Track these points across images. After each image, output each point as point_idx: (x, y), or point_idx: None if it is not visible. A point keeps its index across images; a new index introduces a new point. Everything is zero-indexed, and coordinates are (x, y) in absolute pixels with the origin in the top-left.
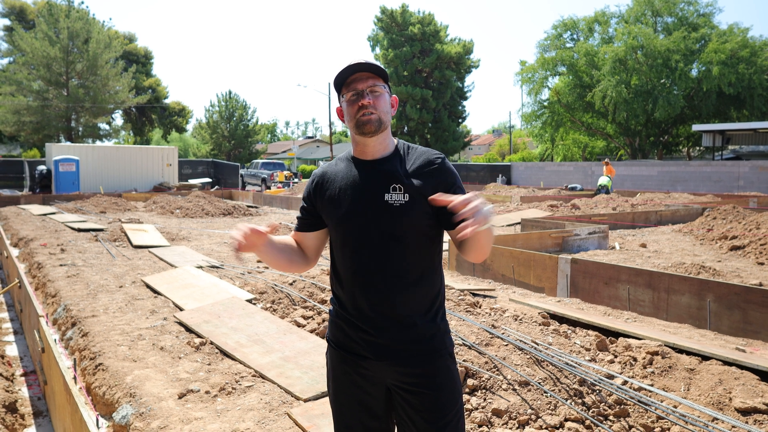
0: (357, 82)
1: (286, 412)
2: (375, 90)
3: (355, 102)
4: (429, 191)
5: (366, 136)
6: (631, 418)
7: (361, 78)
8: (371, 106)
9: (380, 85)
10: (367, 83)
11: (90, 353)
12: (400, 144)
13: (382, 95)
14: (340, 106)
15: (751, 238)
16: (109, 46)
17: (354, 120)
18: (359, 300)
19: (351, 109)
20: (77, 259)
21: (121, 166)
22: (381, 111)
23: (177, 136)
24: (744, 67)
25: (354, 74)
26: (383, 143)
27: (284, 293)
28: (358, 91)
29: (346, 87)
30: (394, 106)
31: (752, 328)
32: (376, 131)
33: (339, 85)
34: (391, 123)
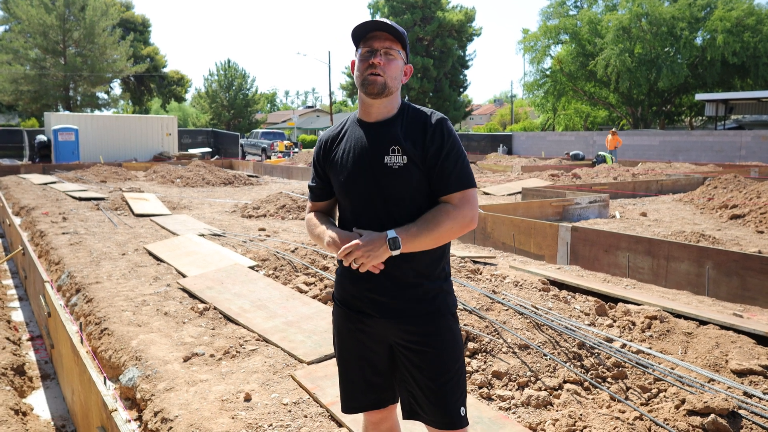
0: (374, 40)
1: (289, 374)
2: (390, 53)
3: (367, 59)
4: (420, 153)
5: (369, 97)
6: (628, 379)
7: (380, 37)
8: (380, 67)
9: (396, 49)
10: (384, 44)
11: (95, 318)
12: (405, 105)
13: (395, 60)
14: (354, 60)
15: (751, 207)
16: (105, 14)
17: (361, 77)
18: None
19: (361, 66)
20: (79, 228)
21: (120, 136)
22: (389, 75)
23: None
24: (749, 36)
25: (374, 31)
26: (387, 106)
27: (286, 260)
28: (373, 49)
29: (364, 42)
30: (406, 74)
31: (750, 295)
32: (379, 93)
33: (357, 39)
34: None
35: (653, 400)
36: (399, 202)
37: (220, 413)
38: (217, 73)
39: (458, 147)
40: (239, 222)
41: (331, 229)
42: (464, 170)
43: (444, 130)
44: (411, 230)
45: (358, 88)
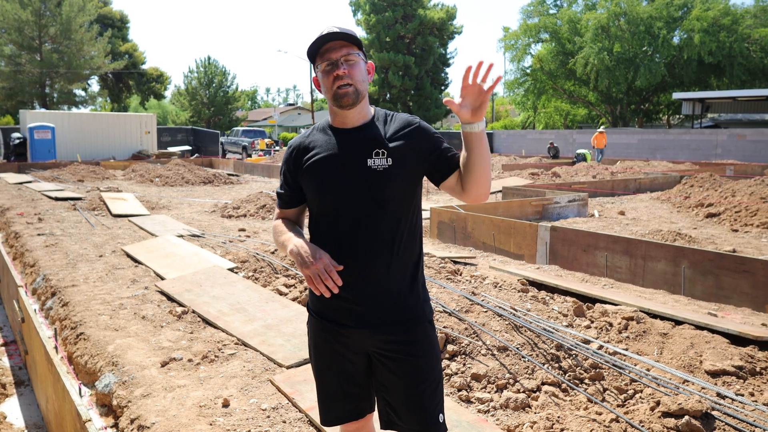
0: (331, 52)
1: (268, 378)
2: (349, 59)
3: (330, 72)
4: (411, 154)
5: (344, 109)
6: (605, 381)
7: (334, 47)
8: (347, 76)
9: (354, 53)
10: (341, 52)
11: (71, 323)
12: (377, 111)
13: (357, 63)
14: (316, 76)
15: (727, 205)
16: (82, 9)
17: (331, 92)
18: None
19: (327, 80)
20: (55, 229)
21: (98, 134)
22: (357, 81)
23: (155, 103)
24: (725, 36)
25: (327, 43)
26: (362, 112)
27: (266, 262)
28: (333, 61)
29: (320, 57)
30: (370, 73)
31: (724, 293)
32: (354, 103)
33: (313, 55)
34: (368, 90)
35: (629, 402)
36: (383, 204)
37: (198, 419)
38: (197, 70)
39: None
40: (219, 222)
41: (297, 239)
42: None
43: (428, 128)
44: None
45: (329, 102)
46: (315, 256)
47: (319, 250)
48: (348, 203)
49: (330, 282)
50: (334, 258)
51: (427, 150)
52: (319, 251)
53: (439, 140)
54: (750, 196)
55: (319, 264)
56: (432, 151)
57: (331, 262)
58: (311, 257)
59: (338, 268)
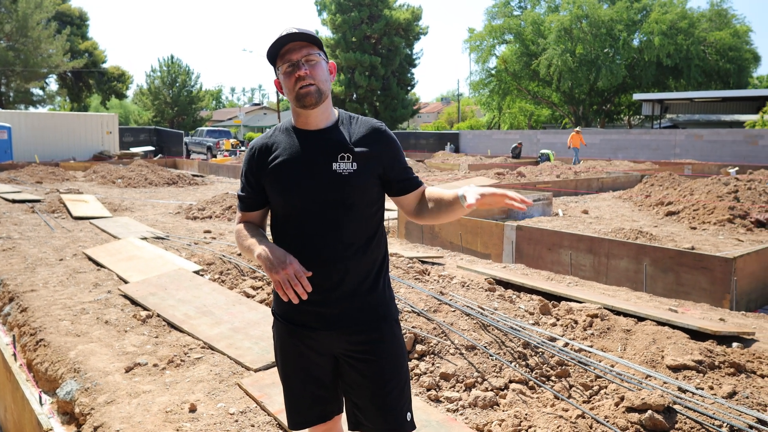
0: (291, 53)
1: (236, 382)
2: (310, 59)
3: (292, 74)
4: (375, 159)
5: (307, 109)
6: (571, 378)
7: (294, 48)
8: (309, 76)
9: (315, 53)
10: (301, 53)
11: (30, 329)
12: (341, 113)
13: (318, 63)
14: (278, 79)
15: (685, 203)
16: (39, 6)
17: (293, 93)
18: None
19: (288, 82)
20: (12, 232)
21: (57, 134)
22: (319, 80)
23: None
24: (682, 38)
25: (287, 44)
26: (325, 113)
27: (232, 264)
28: (293, 62)
29: (281, 59)
30: (332, 72)
31: (684, 290)
32: (317, 102)
33: (273, 58)
34: (334, 91)
35: (594, 398)
36: (349, 207)
37: (164, 425)
38: (160, 69)
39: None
40: (184, 224)
41: (264, 244)
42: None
43: (392, 136)
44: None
45: (291, 104)
46: (284, 261)
47: (288, 254)
48: (312, 206)
49: (299, 288)
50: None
51: (389, 158)
52: (288, 256)
53: (400, 153)
54: (707, 194)
55: (288, 269)
56: (394, 162)
57: (301, 268)
58: (280, 262)
59: (308, 274)
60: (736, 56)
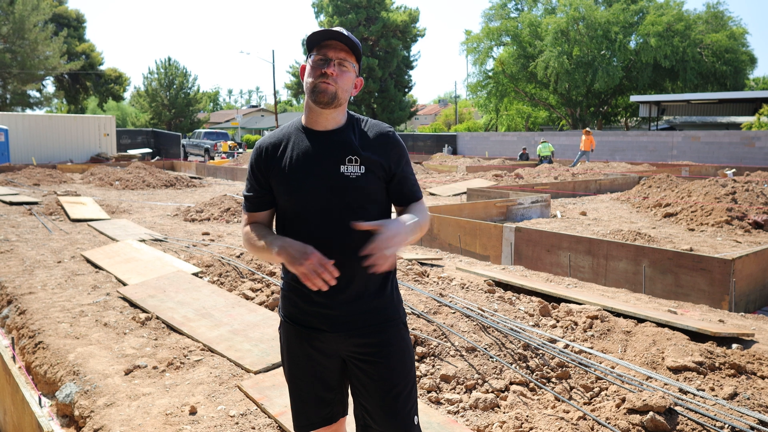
0: (329, 49)
1: (236, 384)
2: (344, 64)
3: (320, 67)
4: (381, 163)
5: (317, 105)
6: (572, 379)
7: (335, 46)
8: (332, 77)
9: (350, 62)
10: (339, 54)
11: (29, 331)
12: (351, 116)
13: (348, 72)
14: (305, 65)
15: (683, 205)
16: (36, 8)
17: (312, 84)
18: None
19: (313, 72)
20: (10, 234)
21: (54, 136)
22: (341, 86)
23: (114, 105)
24: (679, 40)
25: (330, 40)
26: (336, 117)
27: (231, 266)
28: (327, 58)
29: (318, 49)
30: (357, 88)
31: (683, 291)
32: (328, 103)
33: (311, 45)
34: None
35: (595, 399)
36: (356, 211)
37: (165, 428)
38: (157, 71)
39: (409, 158)
40: (182, 226)
41: (280, 240)
42: (416, 181)
43: (400, 142)
44: (410, 223)
45: (306, 95)
46: (306, 252)
47: (306, 245)
48: (319, 208)
49: (327, 275)
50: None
51: (394, 164)
52: (307, 246)
53: (404, 160)
54: (705, 196)
55: (312, 258)
56: (396, 168)
57: (322, 256)
58: (302, 254)
59: (330, 261)
60: (732, 58)
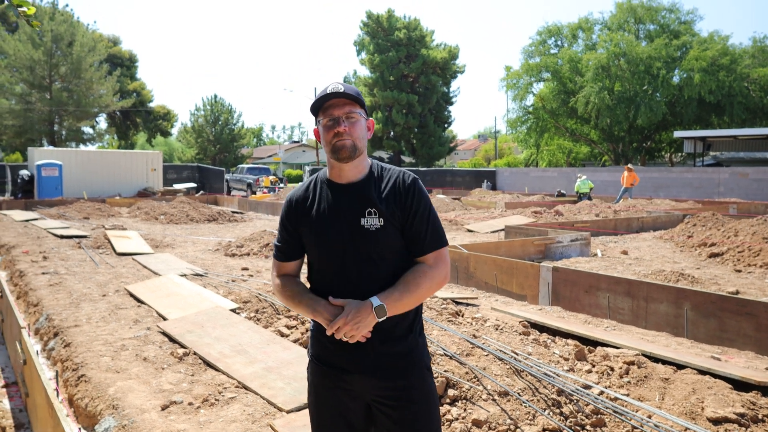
0: (333, 108)
1: (268, 423)
2: (351, 116)
3: (331, 128)
4: (398, 215)
5: (341, 162)
6: (607, 428)
7: (337, 104)
8: (347, 133)
9: (356, 111)
10: (344, 110)
11: (72, 364)
12: (374, 166)
13: (357, 121)
14: (317, 129)
15: (729, 245)
16: (93, 50)
17: (330, 145)
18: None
19: (327, 135)
20: (60, 267)
21: (104, 171)
22: (356, 137)
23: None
24: (724, 75)
25: (330, 100)
26: (358, 167)
27: (268, 302)
28: (335, 118)
29: (323, 112)
30: (370, 130)
31: (727, 336)
32: (350, 157)
33: (316, 110)
34: (366, 146)
35: None
36: (376, 262)
37: None
38: (204, 108)
39: (431, 206)
40: (222, 261)
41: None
42: (438, 230)
43: (418, 191)
44: (393, 295)
45: (327, 154)
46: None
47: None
48: (344, 259)
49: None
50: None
51: (412, 214)
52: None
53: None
54: (753, 235)
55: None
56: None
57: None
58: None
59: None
60: None
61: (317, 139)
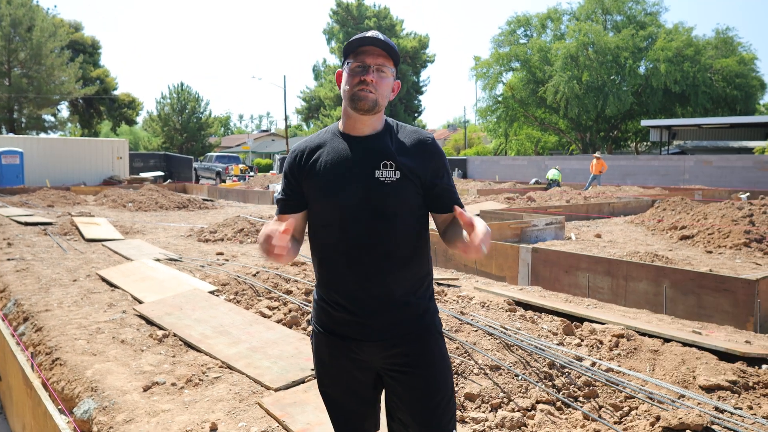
0: (367, 55)
1: (257, 401)
2: (382, 70)
3: (358, 74)
4: (419, 170)
5: (357, 112)
6: (600, 398)
7: (372, 52)
8: (372, 84)
9: (389, 67)
10: (377, 60)
11: (45, 348)
12: (389, 121)
13: (386, 78)
14: (342, 71)
15: (699, 228)
16: (53, 35)
17: (351, 92)
18: (348, 280)
19: (351, 80)
20: (26, 254)
21: (68, 159)
22: (380, 93)
23: (127, 129)
24: (689, 66)
25: (368, 46)
26: (374, 123)
27: (248, 284)
28: (365, 65)
29: (354, 55)
30: (395, 91)
31: (706, 312)
32: (369, 110)
33: (348, 51)
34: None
35: (626, 418)
36: (389, 217)
37: None
38: (170, 96)
39: (449, 166)
40: (196, 246)
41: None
42: (455, 188)
43: (439, 150)
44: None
45: (344, 101)
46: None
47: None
48: (354, 214)
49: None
50: (339, 272)
51: (432, 172)
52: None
53: (444, 168)
54: (722, 218)
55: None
56: (435, 177)
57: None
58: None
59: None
60: (742, 83)
61: (337, 83)
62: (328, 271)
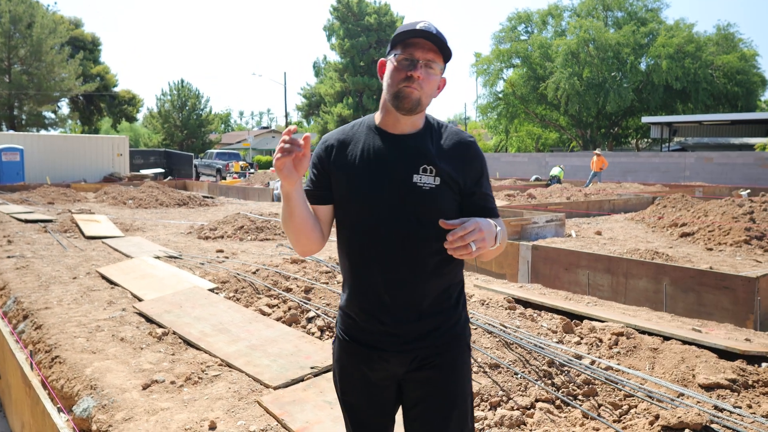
0: (416, 48)
1: (256, 400)
2: (430, 66)
3: (405, 69)
4: (459, 176)
5: (399, 111)
6: (599, 396)
7: (423, 46)
8: (418, 81)
9: (438, 64)
10: (427, 55)
11: (45, 346)
12: (430, 119)
13: (434, 75)
14: (385, 60)
15: (700, 225)
16: (54, 32)
17: (394, 87)
18: (379, 288)
19: (397, 74)
20: (26, 251)
21: (68, 156)
22: (425, 92)
23: (127, 126)
24: (690, 62)
25: (419, 38)
26: (415, 122)
27: (247, 282)
28: (413, 59)
29: (403, 47)
30: (440, 89)
31: (706, 310)
32: (411, 110)
33: (397, 41)
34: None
35: (625, 417)
36: (426, 224)
37: None
38: (170, 93)
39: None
40: (196, 244)
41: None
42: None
43: (481, 155)
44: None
45: (385, 95)
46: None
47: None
48: (388, 219)
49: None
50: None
51: (472, 178)
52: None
53: (484, 175)
54: (722, 215)
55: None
56: (474, 184)
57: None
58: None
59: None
60: (743, 80)
61: (379, 73)
62: (356, 277)
